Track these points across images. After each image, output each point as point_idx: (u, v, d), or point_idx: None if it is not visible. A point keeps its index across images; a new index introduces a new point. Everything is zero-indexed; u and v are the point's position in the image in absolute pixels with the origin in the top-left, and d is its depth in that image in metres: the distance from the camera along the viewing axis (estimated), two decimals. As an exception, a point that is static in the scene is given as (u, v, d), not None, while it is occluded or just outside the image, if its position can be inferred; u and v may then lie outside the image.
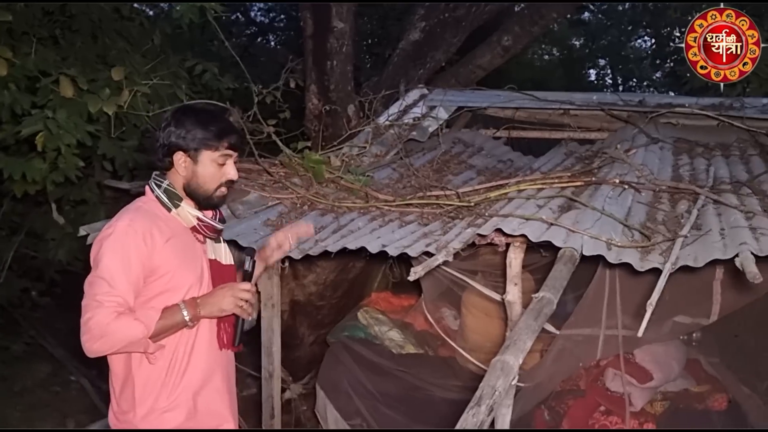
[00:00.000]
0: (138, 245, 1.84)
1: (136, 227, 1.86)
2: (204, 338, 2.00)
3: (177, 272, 1.91)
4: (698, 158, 3.60)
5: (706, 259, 2.12)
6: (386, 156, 3.97)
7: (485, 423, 1.52)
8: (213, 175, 1.96)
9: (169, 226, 1.94)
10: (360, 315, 3.89)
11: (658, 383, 3.05)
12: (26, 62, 3.53)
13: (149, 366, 1.92)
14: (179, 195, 1.97)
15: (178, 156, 1.95)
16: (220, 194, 2.00)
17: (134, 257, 1.83)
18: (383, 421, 3.48)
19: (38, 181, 3.63)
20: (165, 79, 4.31)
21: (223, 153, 1.96)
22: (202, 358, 1.99)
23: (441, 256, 2.28)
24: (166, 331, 1.86)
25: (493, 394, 1.57)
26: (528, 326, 1.84)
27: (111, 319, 1.76)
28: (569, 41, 14.01)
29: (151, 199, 1.97)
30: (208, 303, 1.90)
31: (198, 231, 2.00)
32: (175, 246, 1.92)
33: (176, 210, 1.96)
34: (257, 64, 8.38)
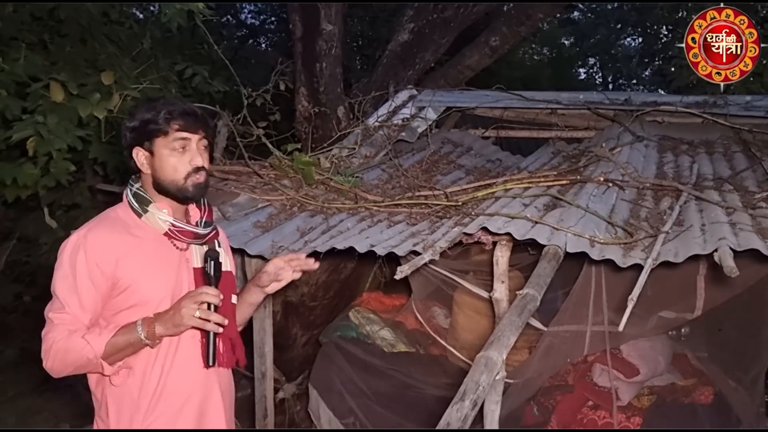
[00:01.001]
0: (90, 260, 1.70)
1: (89, 240, 1.72)
2: (185, 356, 1.81)
3: (142, 285, 1.74)
4: (683, 156, 3.66)
5: (687, 254, 2.17)
6: (375, 157, 4.01)
7: (469, 417, 1.56)
8: (175, 165, 1.76)
9: (139, 233, 1.78)
10: (351, 315, 3.93)
11: (645, 378, 3.10)
12: (16, 67, 3.54)
13: (119, 388, 1.76)
14: (148, 198, 1.80)
15: (136, 152, 1.79)
16: (194, 183, 1.78)
17: (84, 273, 1.70)
18: (376, 419, 3.52)
19: (30, 186, 3.64)
20: (155, 82, 4.33)
21: (176, 137, 1.75)
22: (183, 379, 1.80)
23: (427, 255, 2.32)
24: (121, 351, 1.69)
25: (476, 389, 1.61)
26: (512, 322, 1.88)
27: (61, 339, 1.66)
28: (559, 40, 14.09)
29: (124, 205, 1.83)
30: (163, 318, 1.69)
31: (173, 237, 1.82)
32: (141, 256, 1.76)
33: (145, 215, 1.79)
34: (248, 67, 8.40)
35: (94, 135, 3.88)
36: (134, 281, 1.73)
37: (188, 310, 1.64)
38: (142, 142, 1.77)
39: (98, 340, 1.66)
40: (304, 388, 4.05)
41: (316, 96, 4.79)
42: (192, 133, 1.77)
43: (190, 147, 1.77)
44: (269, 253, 2.78)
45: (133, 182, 1.84)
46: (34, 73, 3.61)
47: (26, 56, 3.63)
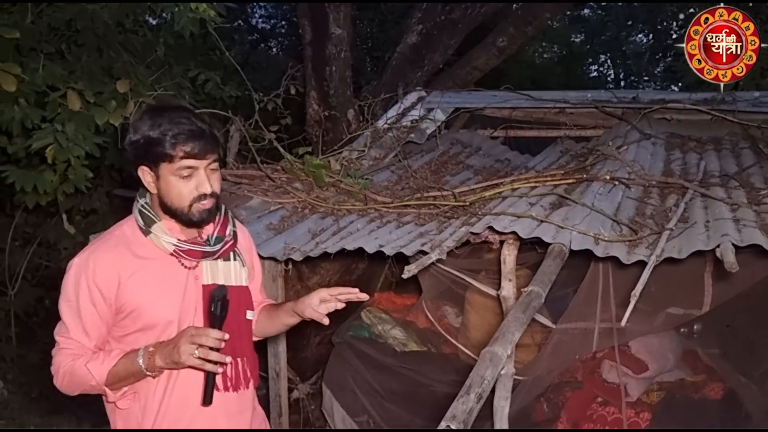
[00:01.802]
0: (91, 285, 1.65)
1: (90, 264, 1.66)
2: (186, 383, 1.71)
3: (146, 309, 1.67)
4: (690, 153, 3.68)
5: (690, 250, 2.21)
6: (385, 159, 4.07)
7: (474, 410, 1.62)
8: (180, 192, 1.64)
9: (143, 253, 1.70)
10: (363, 315, 3.99)
11: (654, 373, 3.13)
12: (35, 77, 3.63)
13: (125, 411, 1.73)
14: (154, 217, 1.70)
15: (142, 172, 1.67)
16: (199, 209, 1.67)
17: (86, 298, 1.65)
18: (388, 417, 3.58)
19: (49, 192, 3.74)
20: (169, 89, 4.43)
21: (183, 165, 1.62)
22: (185, 404, 1.72)
23: (434, 254, 2.38)
24: (124, 379, 1.64)
25: (481, 383, 1.67)
26: (516, 318, 1.93)
27: (66, 364, 1.65)
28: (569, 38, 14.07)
29: (132, 221, 1.74)
30: (163, 352, 1.60)
31: (178, 257, 1.71)
32: (146, 278, 1.68)
33: (149, 236, 1.69)
34: (259, 71, 8.50)
35: (111, 142, 3.98)
36: (138, 305, 1.67)
37: (187, 348, 1.55)
38: (147, 163, 1.65)
39: (100, 368, 1.62)
40: (318, 387, 4.12)
41: (326, 99, 4.86)
42: (200, 160, 1.63)
43: (197, 173, 1.64)
44: (281, 255, 2.85)
45: (140, 197, 1.74)
46: (53, 82, 3.70)
47: (45, 66, 3.72)
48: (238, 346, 1.76)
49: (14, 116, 3.54)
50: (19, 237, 5.15)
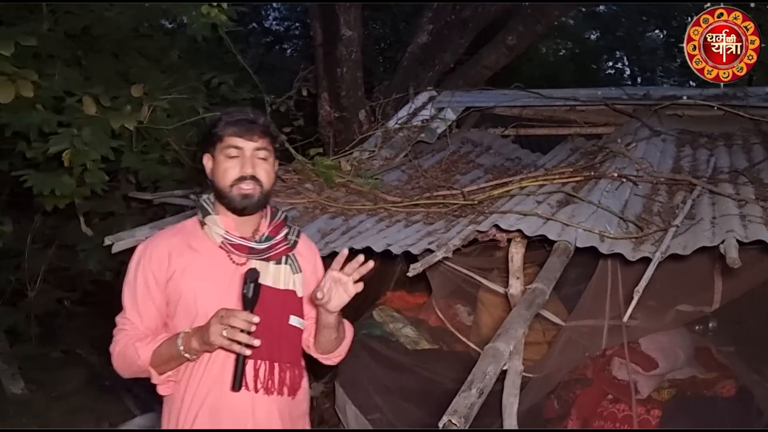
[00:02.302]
0: (147, 270, 1.74)
1: (149, 249, 1.76)
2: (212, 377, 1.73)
3: (191, 299, 1.72)
4: (701, 149, 3.67)
5: (694, 246, 2.22)
6: (396, 158, 4.11)
7: (476, 405, 1.65)
8: (225, 170, 1.72)
9: (196, 245, 1.77)
10: (375, 313, 4.02)
11: (664, 371, 3.13)
12: (52, 83, 3.71)
13: (167, 397, 1.79)
14: (209, 209, 1.79)
15: (206, 159, 1.80)
16: (239, 193, 1.72)
17: (142, 283, 1.74)
18: (401, 414, 3.60)
19: (67, 195, 3.82)
20: (183, 93, 4.51)
21: (229, 143, 1.72)
22: (212, 402, 1.73)
23: (440, 252, 2.41)
24: (166, 362, 1.69)
25: (483, 378, 1.70)
26: (520, 315, 1.96)
27: (120, 344, 1.73)
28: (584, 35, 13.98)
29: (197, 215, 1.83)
30: (198, 333, 1.63)
31: (228, 251, 1.76)
32: (194, 270, 1.74)
33: (205, 227, 1.77)
34: (274, 73, 8.58)
35: (127, 145, 4.06)
36: (184, 295, 1.72)
37: (216, 328, 1.57)
38: (208, 147, 1.78)
39: (146, 349, 1.68)
40: (332, 386, 4.16)
41: (337, 100, 4.92)
42: (245, 140, 1.72)
43: (243, 154, 1.72)
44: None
45: (206, 192, 1.85)
46: (70, 88, 3.78)
47: (61, 72, 3.81)
48: (276, 349, 1.74)
49: (32, 121, 3.62)
50: (38, 240, 5.25)
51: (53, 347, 5.62)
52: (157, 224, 3.37)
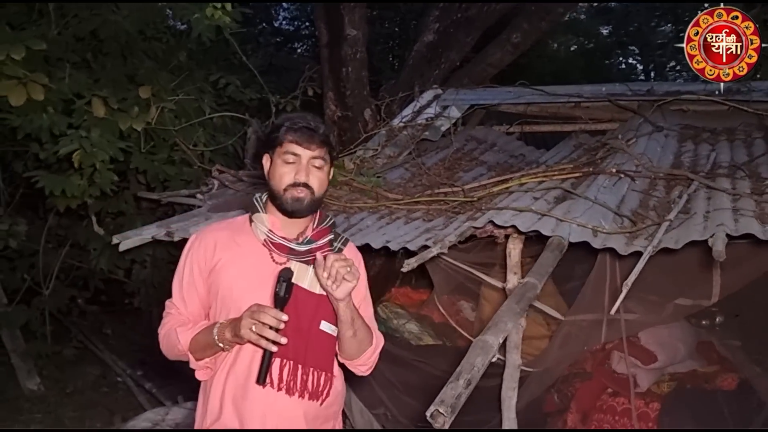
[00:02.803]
0: (194, 260, 1.82)
1: (199, 239, 1.85)
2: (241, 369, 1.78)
3: (229, 292, 1.77)
4: (702, 144, 3.68)
5: (685, 240, 2.24)
6: (399, 157, 4.14)
7: (463, 395, 1.69)
8: (281, 175, 1.77)
9: (241, 241, 1.82)
10: (380, 309, 4.07)
11: (663, 364, 3.15)
12: (61, 86, 3.79)
13: (202, 383, 1.86)
14: (260, 208, 1.84)
15: (265, 160, 1.85)
16: (292, 196, 1.76)
17: (189, 272, 1.82)
18: (405, 409, 3.65)
19: (78, 196, 3.90)
20: (190, 94, 4.58)
21: (287, 150, 1.76)
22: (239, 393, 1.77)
23: (436, 248, 2.45)
24: (203, 349, 1.75)
25: (471, 369, 1.74)
26: (510, 309, 2.00)
27: (164, 327, 1.82)
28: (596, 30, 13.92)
29: None
30: (231, 325, 1.68)
31: (270, 249, 1.80)
32: (237, 264, 1.79)
33: (252, 224, 1.83)
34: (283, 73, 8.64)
35: (135, 146, 4.13)
36: (222, 287, 1.78)
37: (246, 323, 1.62)
38: (268, 149, 1.83)
39: (186, 335, 1.75)
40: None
41: (342, 100, 4.94)
42: (303, 149, 1.76)
43: (300, 161, 1.76)
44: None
45: (261, 189, 1.91)
46: (79, 90, 3.86)
47: (71, 75, 3.89)
48: (302, 352, 1.77)
49: (43, 124, 3.71)
50: (51, 239, 5.35)
51: (66, 344, 5.73)
52: (163, 223, 3.44)
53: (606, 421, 3.06)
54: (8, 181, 5.19)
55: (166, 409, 3.98)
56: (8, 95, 3.51)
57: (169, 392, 4.66)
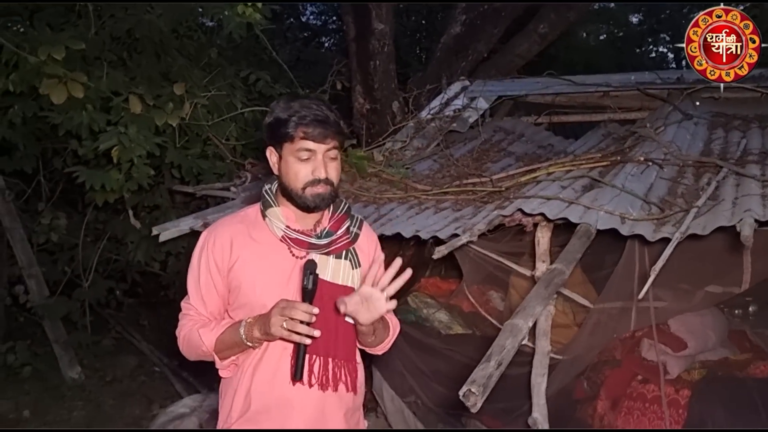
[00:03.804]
0: (210, 257, 1.75)
1: (213, 236, 1.77)
2: (269, 369, 1.74)
3: (250, 289, 1.72)
4: (733, 131, 3.65)
5: (713, 226, 2.25)
6: (427, 148, 4.19)
7: (494, 376, 1.74)
8: (296, 173, 1.69)
9: (257, 236, 1.76)
10: (410, 299, 4.12)
11: (693, 351, 3.15)
12: (99, 84, 3.90)
13: (227, 380, 1.82)
14: (272, 202, 1.77)
15: (269, 152, 1.76)
16: (313, 194, 1.70)
17: (205, 269, 1.76)
18: (435, 397, 3.70)
19: (116, 190, 4.03)
20: (222, 90, 4.68)
21: (301, 147, 1.67)
22: (269, 395, 1.73)
23: (465, 236, 2.50)
24: (229, 348, 1.71)
25: (501, 351, 1.80)
26: (539, 294, 2.04)
27: (184, 329, 1.76)
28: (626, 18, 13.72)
29: (259, 203, 1.82)
30: (260, 322, 1.65)
31: (287, 244, 1.74)
32: (255, 260, 1.74)
33: (266, 220, 1.76)
34: (310, 68, 8.74)
35: (170, 141, 4.25)
36: (243, 283, 1.72)
37: (276, 320, 1.58)
38: (274, 143, 1.74)
39: (210, 335, 1.70)
40: (368, 371, 4.30)
41: (371, 93, 5.01)
42: (318, 144, 1.68)
43: (315, 157, 1.69)
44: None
45: (268, 181, 1.83)
46: (116, 88, 3.98)
47: (108, 73, 4.02)
48: (332, 345, 1.74)
49: (83, 121, 3.83)
50: (90, 233, 5.51)
51: (105, 335, 5.91)
52: (199, 215, 3.55)
53: (636, 408, 3.07)
54: (48, 178, 5.36)
55: (204, 396, 4.09)
56: (50, 94, 3.64)
57: (206, 381, 4.78)
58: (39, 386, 5.20)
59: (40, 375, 5.34)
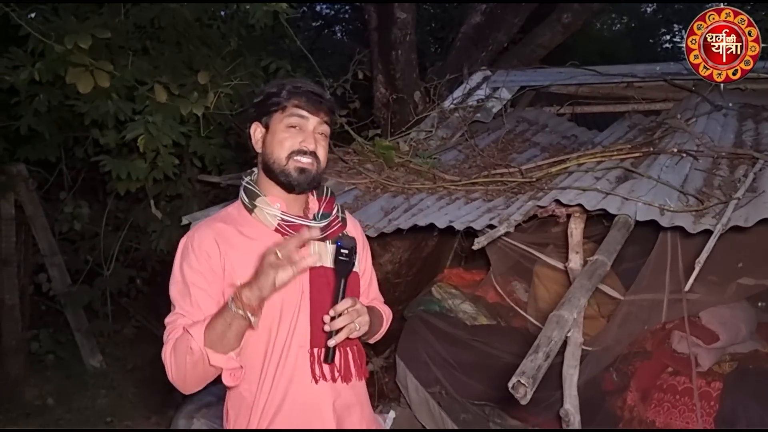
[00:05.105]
0: (199, 257, 1.61)
1: (196, 239, 1.63)
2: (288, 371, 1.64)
3: None
4: (763, 123, 3.62)
5: (756, 218, 2.23)
6: (452, 138, 4.18)
7: (542, 368, 1.74)
8: (282, 141, 1.62)
9: (248, 231, 1.65)
10: (434, 290, 4.13)
11: (725, 344, 3.14)
12: (125, 73, 3.92)
13: (236, 393, 1.66)
14: (257, 192, 1.67)
15: (254, 128, 1.68)
16: (297, 166, 1.62)
17: (195, 271, 1.61)
18: (460, 387, 3.71)
19: (141, 179, 4.04)
20: (243, 79, 4.68)
21: (293, 113, 1.62)
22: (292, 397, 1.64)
23: (503, 227, 2.49)
24: (223, 335, 1.49)
25: (549, 342, 1.79)
26: (582, 285, 2.03)
27: (170, 342, 1.59)
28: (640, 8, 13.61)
29: (237, 203, 1.73)
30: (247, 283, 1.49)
31: (285, 233, 1.63)
32: (249, 255, 1.60)
33: (255, 211, 1.66)
34: (325, 57, 8.71)
35: (194, 130, 4.25)
36: (241, 280, 1.56)
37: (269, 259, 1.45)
38: (261, 117, 1.67)
39: (198, 328, 1.52)
40: (392, 361, 4.29)
41: (392, 83, 4.98)
42: (310, 114, 1.63)
43: (305, 128, 1.63)
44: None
45: (245, 176, 1.75)
46: (141, 77, 3.98)
47: (133, 63, 4.02)
48: None
49: (109, 110, 3.84)
50: (111, 222, 5.55)
51: (126, 323, 5.95)
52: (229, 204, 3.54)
53: (666, 400, 3.07)
54: (69, 166, 5.39)
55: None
56: (77, 83, 3.64)
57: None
58: (62, 374, 5.26)
59: (62, 363, 5.38)
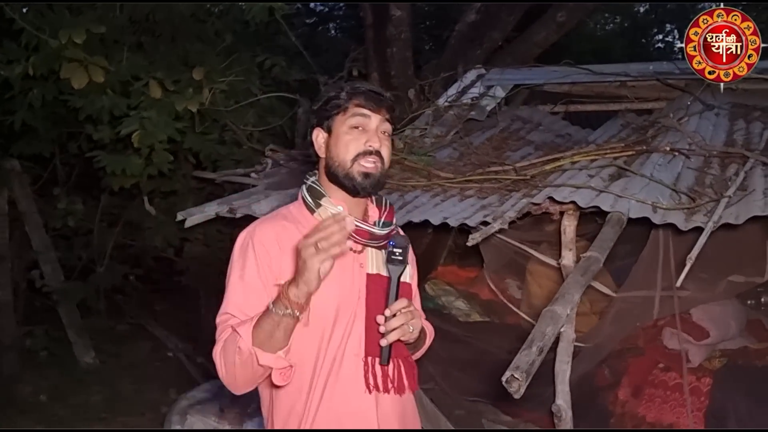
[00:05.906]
0: (259, 254, 1.57)
1: (257, 235, 1.60)
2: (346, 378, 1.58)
3: (323, 297, 1.52)
4: (755, 122, 3.65)
5: (746, 216, 2.27)
6: (447, 136, 4.19)
7: (536, 362, 1.77)
8: (347, 143, 1.58)
9: None
10: (428, 287, 4.15)
11: (715, 340, 3.18)
12: (119, 69, 3.90)
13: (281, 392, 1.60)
14: (322, 192, 1.63)
15: (316, 134, 1.65)
16: (362, 169, 1.57)
17: (253, 269, 1.56)
18: (454, 383, 3.74)
19: (136, 175, 4.03)
20: (238, 75, 4.67)
21: (355, 113, 1.59)
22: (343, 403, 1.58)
23: (497, 224, 2.51)
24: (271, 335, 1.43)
25: (542, 337, 1.82)
26: (576, 281, 2.06)
27: (219, 343, 1.52)
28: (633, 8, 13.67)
29: (298, 202, 1.68)
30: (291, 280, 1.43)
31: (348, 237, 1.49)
32: None
33: (318, 210, 1.62)
34: (320, 54, 8.70)
35: (189, 126, 4.25)
36: None
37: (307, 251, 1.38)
38: (323, 121, 1.64)
39: (246, 327, 1.45)
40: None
41: (387, 80, 5.00)
42: (372, 112, 1.59)
43: (368, 127, 1.59)
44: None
45: (308, 176, 1.69)
46: (135, 72, 3.97)
47: (128, 58, 4.00)
48: (396, 345, 1.59)
49: (103, 105, 3.83)
50: (105, 218, 5.54)
51: (120, 320, 5.94)
52: (224, 200, 3.56)
53: (657, 396, 3.11)
54: (63, 162, 5.37)
55: (221, 381, 4.13)
56: (71, 78, 3.62)
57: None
58: (56, 371, 5.25)
59: (56, 360, 5.38)
